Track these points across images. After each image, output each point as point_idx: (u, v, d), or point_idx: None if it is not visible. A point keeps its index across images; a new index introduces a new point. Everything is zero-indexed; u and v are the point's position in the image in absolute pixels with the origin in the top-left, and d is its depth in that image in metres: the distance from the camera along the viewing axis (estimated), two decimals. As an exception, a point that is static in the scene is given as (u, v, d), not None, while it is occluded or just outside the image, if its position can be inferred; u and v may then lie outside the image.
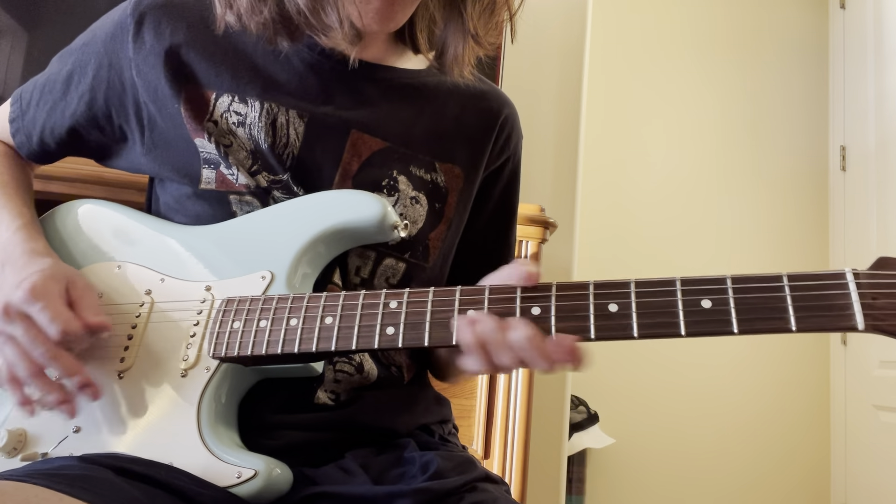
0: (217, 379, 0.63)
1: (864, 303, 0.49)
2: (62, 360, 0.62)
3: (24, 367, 0.62)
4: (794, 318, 0.51)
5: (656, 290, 0.54)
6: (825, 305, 0.50)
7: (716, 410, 2.60)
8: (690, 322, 0.53)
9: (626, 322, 0.54)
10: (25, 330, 0.62)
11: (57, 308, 0.62)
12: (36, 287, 0.63)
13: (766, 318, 0.52)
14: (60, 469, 0.52)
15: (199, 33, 0.73)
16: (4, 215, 0.73)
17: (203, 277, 0.68)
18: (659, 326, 0.53)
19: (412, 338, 0.58)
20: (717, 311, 0.53)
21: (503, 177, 0.85)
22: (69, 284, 0.66)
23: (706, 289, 0.54)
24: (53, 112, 0.78)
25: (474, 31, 0.73)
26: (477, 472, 0.66)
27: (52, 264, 0.67)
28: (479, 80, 0.84)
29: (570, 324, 0.55)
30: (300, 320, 0.61)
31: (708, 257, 2.68)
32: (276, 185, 0.71)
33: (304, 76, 0.73)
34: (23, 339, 0.62)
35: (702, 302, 0.53)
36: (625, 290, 0.55)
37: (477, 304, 0.58)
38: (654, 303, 0.54)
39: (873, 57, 2.56)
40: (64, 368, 0.61)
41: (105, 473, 0.50)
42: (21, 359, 0.62)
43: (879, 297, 0.49)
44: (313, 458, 0.65)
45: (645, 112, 2.76)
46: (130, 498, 0.48)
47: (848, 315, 0.50)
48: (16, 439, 0.64)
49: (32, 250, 0.69)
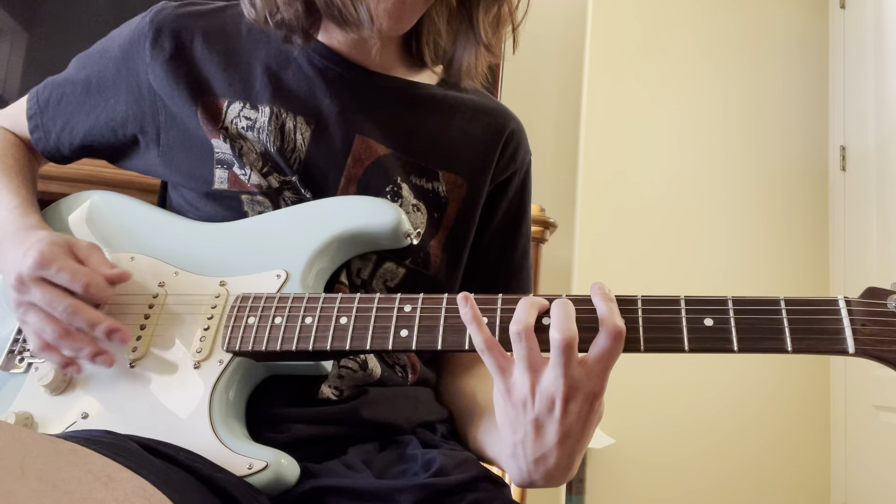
0: (229, 372, 0.64)
1: (854, 328, 0.53)
2: (84, 312, 0.63)
3: (51, 329, 0.63)
4: (790, 340, 0.54)
5: (661, 307, 0.57)
6: (819, 329, 0.54)
7: (716, 410, 2.60)
8: (693, 339, 0.55)
9: (632, 336, 0.56)
10: (43, 293, 0.63)
11: (72, 266, 0.64)
12: (44, 253, 0.64)
13: (764, 338, 0.55)
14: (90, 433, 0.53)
15: (215, 43, 0.76)
16: (3, 195, 0.75)
17: (218, 272, 0.70)
18: (663, 342, 0.56)
19: (426, 341, 0.60)
20: (719, 329, 0.55)
21: (509, 191, 0.86)
22: (71, 246, 0.67)
23: (708, 308, 0.56)
24: (72, 115, 0.80)
25: (487, 41, 0.76)
26: (478, 470, 0.66)
27: (49, 233, 0.69)
28: (486, 96, 0.87)
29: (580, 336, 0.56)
30: (315, 319, 0.63)
31: (708, 257, 2.68)
32: (287, 186, 0.73)
33: (313, 83, 0.76)
34: (41, 302, 0.63)
35: (704, 321, 0.56)
36: (632, 307, 0.57)
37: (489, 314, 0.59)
38: (659, 319, 0.56)
39: (873, 57, 2.56)
40: (87, 319, 0.63)
41: (133, 445, 0.51)
42: (46, 322, 0.64)
43: (868, 324, 0.53)
44: (317, 452, 0.66)
45: (645, 112, 2.76)
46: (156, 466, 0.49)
47: (840, 339, 0.53)
48: (23, 422, 0.64)
49: (27, 225, 0.71)
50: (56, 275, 0.63)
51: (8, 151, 0.82)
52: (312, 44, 0.76)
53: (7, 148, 0.83)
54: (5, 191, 0.76)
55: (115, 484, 0.42)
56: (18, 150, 0.84)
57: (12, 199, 0.75)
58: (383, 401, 0.71)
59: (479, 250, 0.84)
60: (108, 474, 0.43)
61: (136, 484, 0.44)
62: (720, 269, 2.67)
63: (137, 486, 0.44)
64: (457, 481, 0.62)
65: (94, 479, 0.42)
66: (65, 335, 0.63)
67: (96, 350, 0.64)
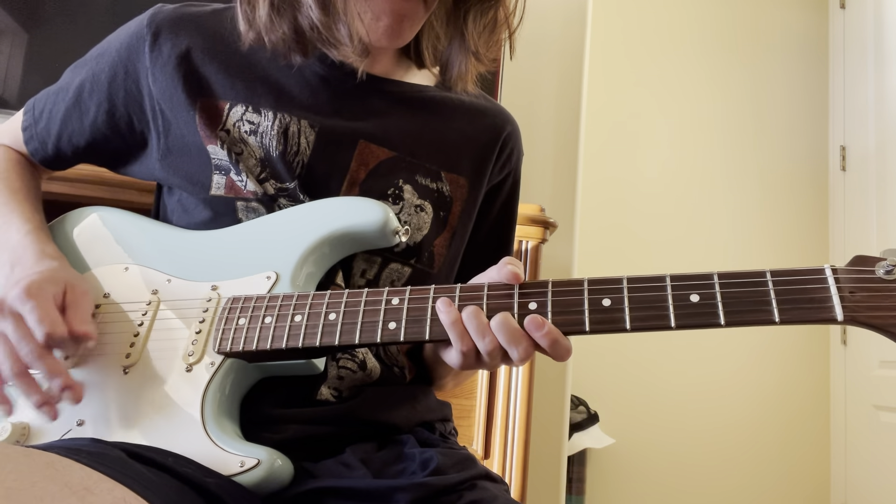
0: (221, 373, 0.64)
1: (842, 296, 0.53)
2: (46, 361, 0.62)
3: (10, 364, 0.62)
4: (778, 311, 0.54)
5: (647, 285, 0.58)
6: (806, 299, 0.54)
7: (716, 410, 2.60)
8: (680, 315, 0.56)
9: (618, 315, 0.57)
10: (15, 328, 0.62)
11: (46, 310, 0.63)
12: (31, 287, 0.63)
13: (751, 310, 0.55)
14: (74, 443, 0.53)
15: (214, 45, 0.76)
16: (15, 219, 0.75)
17: (209, 278, 0.70)
18: (650, 319, 0.56)
19: (414, 332, 0.60)
20: (705, 304, 0.56)
21: (503, 191, 0.88)
22: (67, 288, 0.66)
23: (694, 284, 0.57)
24: (68, 120, 0.80)
25: (475, 49, 0.76)
26: (477, 469, 0.66)
27: (56, 267, 0.68)
28: (484, 97, 0.88)
29: (566, 317, 0.58)
30: (304, 316, 0.63)
31: (708, 257, 2.68)
32: (283, 193, 0.73)
33: (316, 88, 0.76)
34: (12, 337, 0.62)
35: (690, 296, 0.56)
36: (618, 286, 0.58)
37: (476, 300, 0.60)
38: (646, 297, 0.57)
39: (873, 57, 2.56)
40: (47, 369, 0.62)
41: (118, 454, 0.51)
42: (7, 356, 0.62)
43: (856, 291, 0.53)
44: (314, 452, 0.66)
45: (645, 112, 2.76)
46: (141, 474, 0.49)
47: (828, 307, 0.53)
48: (19, 432, 0.65)
49: (42, 252, 0.71)
50: (28, 313, 0.62)
51: (13, 172, 0.81)
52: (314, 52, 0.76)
53: (11, 168, 0.82)
54: (17, 214, 0.75)
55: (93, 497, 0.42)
56: (24, 171, 0.83)
57: (25, 224, 0.74)
58: (381, 400, 0.71)
59: (473, 249, 0.85)
60: (87, 486, 0.42)
61: (117, 495, 0.43)
62: (720, 267, 2.66)
63: (118, 497, 0.43)
64: (455, 480, 0.62)
65: (70, 494, 0.41)
66: (20, 376, 0.62)
67: (44, 400, 0.62)
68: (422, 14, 0.72)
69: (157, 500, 0.46)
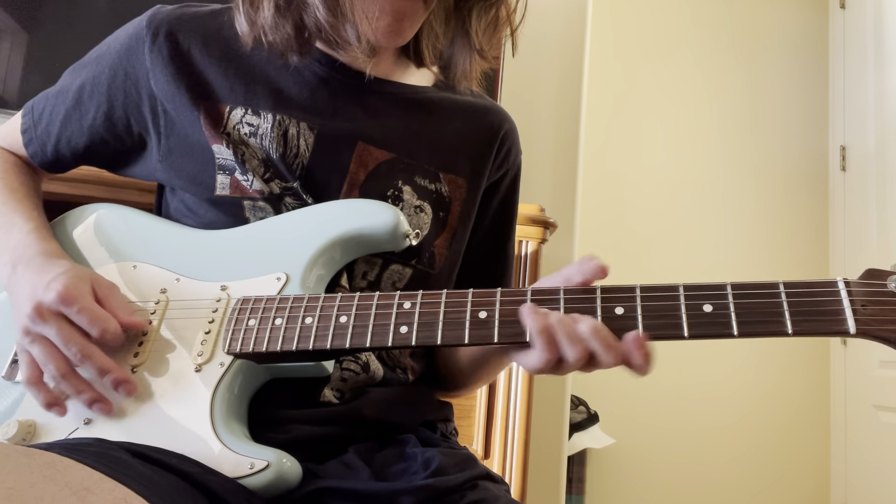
0: (231, 374, 0.64)
1: (854, 309, 0.54)
2: (97, 359, 0.62)
3: (55, 366, 0.63)
4: (791, 323, 0.54)
5: (660, 294, 0.57)
6: (819, 311, 0.54)
7: (716, 410, 2.60)
8: (693, 325, 0.56)
9: (632, 323, 0.57)
10: (59, 330, 0.62)
11: (94, 309, 0.63)
12: (68, 288, 0.63)
13: (764, 321, 0.55)
14: (77, 443, 0.53)
15: (214, 46, 0.76)
16: (16, 218, 0.74)
17: (218, 277, 0.70)
18: (663, 328, 0.56)
19: (425, 336, 0.60)
20: (718, 314, 0.56)
21: (501, 190, 0.88)
22: (94, 284, 0.66)
23: (707, 294, 0.57)
24: (68, 122, 0.79)
25: (480, 46, 0.76)
26: (478, 469, 0.66)
27: (71, 265, 0.68)
28: (481, 96, 0.88)
29: None
30: (315, 319, 0.63)
31: (708, 257, 2.68)
32: (288, 192, 0.73)
33: (315, 90, 0.76)
34: (56, 339, 0.63)
35: (703, 307, 0.56)
36: (630, 295, 0.58)
37: (488, 307, 0.60)
38: (659, 307, 0.57)
39: (873, 57, 2.56)
40: (98, 366, 0.62)
41: (121, 454, 0.51)
42: (52, 357, 0.63)
43: (868, 305, 0.54)
44: (317, 452, 0.66)
45: (645, 112, 2.76)
46: (143, 474, 0.49)
47: (840, 320, 0.54)
48: (25, 430, 0.64)
49: (46, 251, 0.70)
50: (76, 314, 0.62)
51: (12, 173, 0.81)
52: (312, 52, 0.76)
53: (10, 169, 0.82)
54: (18, 213, 0.75)
55: (94, 497, 0.42)
56: (23, 173, 0.83)
57: (27, 223, 0.73)
58: (384, 400, 0.71)
59: (472, 247, 0.85)
60: (87, 487, 0.42)
61: (117, 495, 0.43)
62: (720, 268, 2.67)
63: (119, 498, 0.43)
64: (457, 481, 0.62)
65: (70, 494, 0.41)
66: (68, 375, 0.63)
67: (96, 397, 0.63)
68: (421, 13, 0.72)
69: (159, 500, 0.46)
